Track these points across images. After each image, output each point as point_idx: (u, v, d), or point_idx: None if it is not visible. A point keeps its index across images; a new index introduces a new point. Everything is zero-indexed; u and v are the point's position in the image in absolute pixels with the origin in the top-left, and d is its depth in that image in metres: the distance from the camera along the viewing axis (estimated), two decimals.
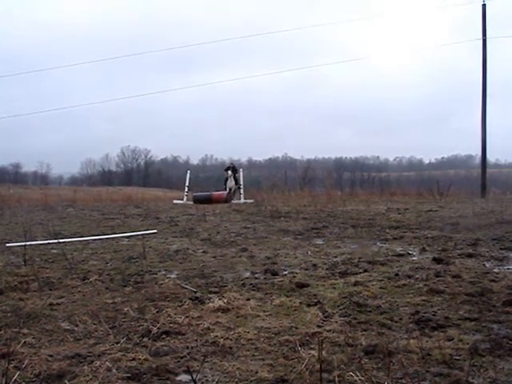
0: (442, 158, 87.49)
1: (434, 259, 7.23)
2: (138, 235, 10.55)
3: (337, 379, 3.24)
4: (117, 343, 3.96)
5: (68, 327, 4.45)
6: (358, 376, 3.23)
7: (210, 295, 5.44)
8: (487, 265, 7.02)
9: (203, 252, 8.50)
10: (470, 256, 7.58)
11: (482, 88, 24.77)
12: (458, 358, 3.62)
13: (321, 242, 9.43)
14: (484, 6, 24.64)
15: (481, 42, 24.77)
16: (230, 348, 3.89)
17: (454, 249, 8.30)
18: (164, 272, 6.87)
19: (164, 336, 4.14)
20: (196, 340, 4.05)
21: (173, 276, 6.61)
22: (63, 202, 23.39)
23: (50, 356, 3.67)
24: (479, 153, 25.18)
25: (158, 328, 4.26)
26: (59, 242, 8.96)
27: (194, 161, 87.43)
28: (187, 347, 3.89)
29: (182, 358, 3.68)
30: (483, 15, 24.71)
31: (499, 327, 4.30)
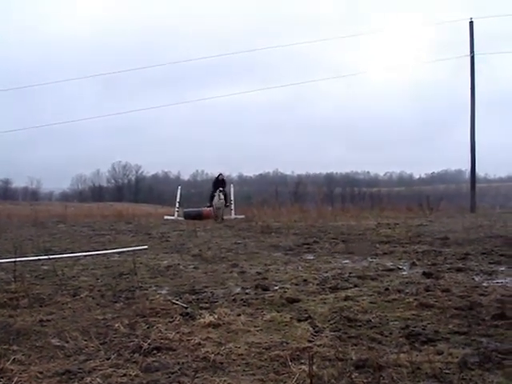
0: (432, 173, 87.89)
1: (424, 273, 7.27)
2: (128, 251, 10.52)
3: None
4: (107, 359, 3.95)
5: (58, 343, 4.42)
6: None
7: (200, 311, 5.43)
8: (476, 279, 7.06)
9: (194, 268, 8.50)
10: (459, 270, 7.63)
11: (470, 103, 24.98)
12: (447, 371, 3.63)
13: (311, 258, 9.45)
14: (471, 23, 24.95)
15: (469, 58, 25.00)
16: (221, 363, 3.88)
17: (444, 263, 8.34)
18: (155, 288, 6.86)
19: (155, 352, 4.13)
20: (187, 355, 4.05)
21: (163, 292, 6.60)
22: (53, 218, 23.34)
23: (40, 373, 3.65)
24: (469, 167, 25.33)
25: (148, 344, 4.25)
26: (50, 258, 8.95)
27: (185, 176, 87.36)
28: (178, 363, 3.89)
29: (172, 373, 3.68)
30: (471, 32, 24.99)
31: (488, 341, 4.32)
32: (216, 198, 21.86)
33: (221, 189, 22.12)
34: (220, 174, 23.68)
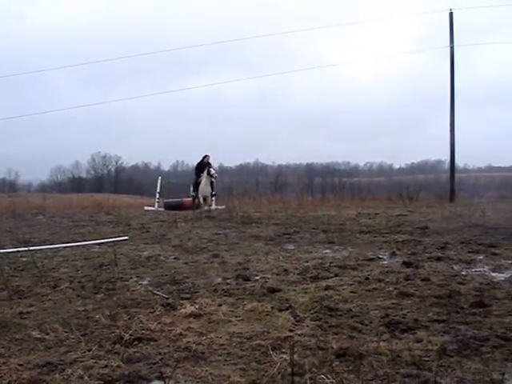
0: (412, 163, 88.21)
1: (404, 263, 7.33)
2: (109, 242, 10.48)
3: (308, 382, 3.27)
4: (89, 351, 3.94)
5: (39, 336, 4.40)
6: (329, 379, 3.27)
7: (181, 301, 5.44)
8: (455, 268, 7.14)
9: (175, 258, 8.49)
10: (438, 259, 7.71)
11: (450, 94, 25.14)
12: (426, 359, 3.68)
13: (292, 247, 9.48)
14: (451, 14, 25.05)
15: (448, 49, 25.13)
16: (203, 353, 3.89)
17: (424, 252, 8.41)
18: (136, 279, 6.85)
19: (136, 342, 4.13)
20: (168, 346, 4.05)
21: (144, 282, 6.60)
22: (33, 210, 23.11)
23: (20, 365, 3.63)
24: (448, 158, 25.52)
25: (130, 335, 4.25)
26: (29, 250, 8.87)
27: (165, 167, 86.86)
28: (159, 353, 3.89)
29: (154, 364, 3.68)
30: (450, 23, 25.10)
31: (466, 328, 4.38)
32: (203, 185, 18.86)
33: (211, 170, 19.02)
34: (206, 156, 19.94)
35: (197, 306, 5.10)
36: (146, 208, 23.20)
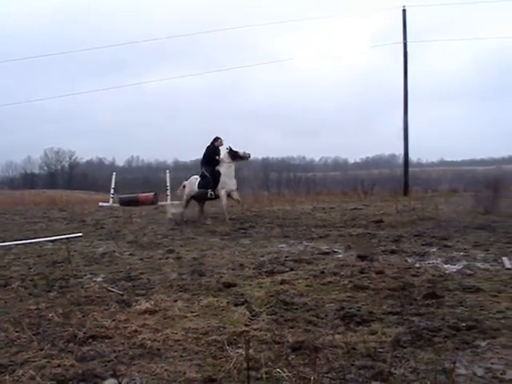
0: (367, 157, 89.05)
1: (359, 256, 7.40)
2: (62, 239, 10.31)
3: (264, 376, 3.29)
4: (41, 350, 3.88)
5: None
6: (285, 372, 3.29)
7: (137, 298, 5.41)
8: (409, 260, 7.26)
9: (130, 254, 8.41)
10: (393, 252, 7.82)
11: (403, 90, 25.40)
12: (381, 350, 3.75)
13: (248, 242, 9.49)
14: (404, 10, 25.35)
15: (402, 45, 25.44)
16: (158, 350, 3.88)
17: (378, 246, 8.52)
18: (90, 276, 6.77)
19: (90, 340, 4.09)
20: (123, 343, 4.02)
21: (99, 279, 6.52)
22: None
23: None
24: (402, 152, 25.83)
25: (84, 333, 4.20)
26: None
27: (120, 162, 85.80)
28: (114, 351, 3.86)
29: (109, 361, 3.65)
30: (403, 20, 25.40)
31: (420, 319, 4.47)
32: (225, 176, 13.50)
33: (241, 152, 13.78)
34: (217, 139, 14.00)
35: (152, 302, 5.08)
36: (100, 204, 22.87)
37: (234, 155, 13.69)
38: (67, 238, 10.28)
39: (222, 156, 13.78)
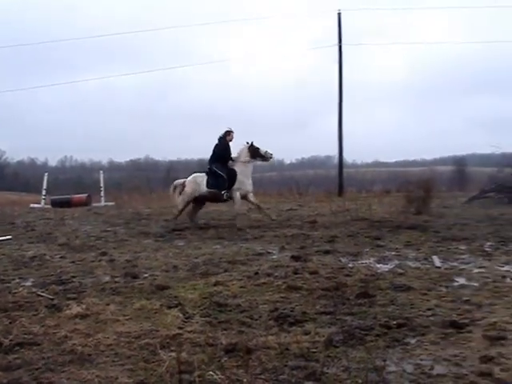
0: (303, 158, 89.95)
1: (293, 257, 7.46)
2: None
3: (197, 379, 3.27)
4: None
5: None
6: (218, 375, 3.29)
7: (67, 302, 5.28)
8: (343, 260, 7.38)
9: (61, 257, 8.21)
10: (326, 252, 7.92)
11: (338, 92, 25.74)
12: (314, 350, 3.80)
13: (182, 244, 9.43)
14: (339, 14, 25.74)
15: (337, 48, 25.80)
16: (89, 355, 3.80)
17: (312, 246, 8.61)
18: (18, 280, 6.57)
19: (17, 348, 3.96)
20: (52, 350, 3.92)
21: (28, 284, 6.34)
22: None
23: None
24: (337, 153, 26.14)
25: (10, 340, 4.07)
26: None
27: (53, 162, 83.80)
28: (43, 358, 3.76)
29: (37, 369, 3.55)
30: (339, 23, 25.77)
31: (352, 319, 4.57)
32: (242, 175, 12.23)
33: (263, 150, 12.43)
34: (229, 132, 12.50)
35: (83, 306, 4.98)
36: (31, 205, 22.28)
37: (254, 152, 12.37)
38: None
39: (238, 152, 12.47)
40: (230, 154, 12.42)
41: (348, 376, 3.35)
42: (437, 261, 7.06)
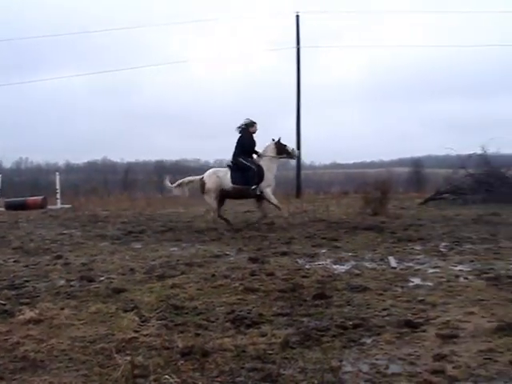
0: None
1: (250, 259, 7.47)
2: None
3: (153, 383, 3.24)
4: None
5: None
6: (173, 378, 3.27)
7: (20, 307, 5.16)
8: (300, 261, 7.41)
9: (15, 261, 8.04)
10: (284, 254, 7.95)
11: (296, 94, 25.94)
12: (270, 352, 3.80)
13: (139, 246, 9.35)
14: (297, 16, 25.96)
15: (295, 50, 25.98)
16: (42, 361, 3.72)
17: (269, 248, 8.63)
18: None
19: None
20: (3, 357, 3.82)
21: None
22: None
23: None
24: None
25: None
26: None
27: (7, 164, 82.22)
28: None
29: None
30: (297, 25, 25.98)
31: (309, 320, 4.60)
32: (269, 173, 11.81)
33: (289, 148, 12.32)
34: (252, 124, 11.99)
35: (37, 311, 4.87)
36: None
37: (281, 149, 11.95)
38: None
39: (264, 149, 12.03)
40: (255, 146, 11.92)
41: (304, 377, 3.35)
42: (393, 261, 7.15)
